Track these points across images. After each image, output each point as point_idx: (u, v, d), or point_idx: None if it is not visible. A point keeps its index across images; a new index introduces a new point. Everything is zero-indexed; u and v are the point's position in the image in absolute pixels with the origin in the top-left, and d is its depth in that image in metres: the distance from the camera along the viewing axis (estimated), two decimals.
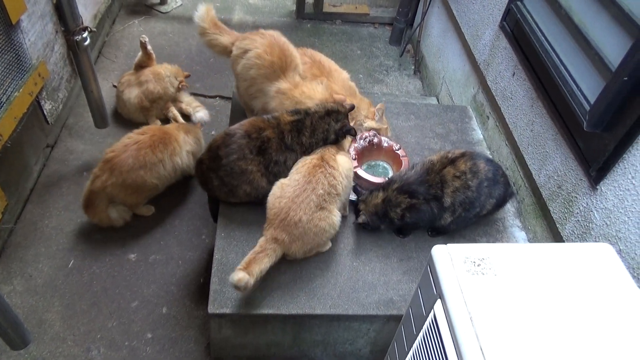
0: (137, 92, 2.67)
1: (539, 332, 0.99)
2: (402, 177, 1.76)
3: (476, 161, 1.74)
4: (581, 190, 1.62)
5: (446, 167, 1.72)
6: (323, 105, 1.81)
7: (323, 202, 1.61)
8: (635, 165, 1.39)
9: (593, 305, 1.05)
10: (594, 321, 1.02)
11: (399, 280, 1.72)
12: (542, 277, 1.09)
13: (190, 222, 2.33)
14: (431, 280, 1.11)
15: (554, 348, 0.97)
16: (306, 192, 1.60)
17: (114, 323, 1.95)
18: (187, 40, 3.45)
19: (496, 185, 1.76)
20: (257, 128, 1.73)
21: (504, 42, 2.18)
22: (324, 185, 1.63)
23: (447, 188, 1.70)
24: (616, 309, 1.05)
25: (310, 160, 1.70)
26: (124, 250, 2.18)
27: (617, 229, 1.45)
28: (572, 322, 1.02)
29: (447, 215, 1.75)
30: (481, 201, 1.74)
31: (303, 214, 1.57)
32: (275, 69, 1.96)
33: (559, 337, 0.99)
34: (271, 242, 1.57)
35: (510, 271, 1.09)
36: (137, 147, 2.09)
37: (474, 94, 2.59)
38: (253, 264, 1.52)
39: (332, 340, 1.79)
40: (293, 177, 1.67)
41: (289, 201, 1.59)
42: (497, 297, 1.04)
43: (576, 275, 1.11)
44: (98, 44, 3.19)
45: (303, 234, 1.59)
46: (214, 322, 1.68)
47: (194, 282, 2.11)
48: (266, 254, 1.55)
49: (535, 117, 1.92)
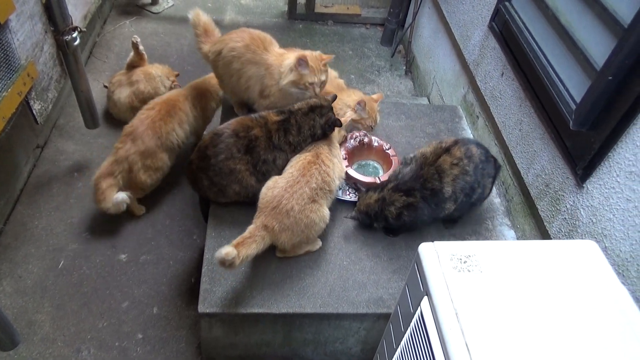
0: (128, 92, 2.66)
1: (524, 327, 1.00)
2: (397, 175, 1.77)
3: (469, 146, 1.75)
4: (568, 189, 1.63)
5: (441, 156, 1.71)
6: (306, 102, 1.81)
7: (315, 196, 1.62)
8: (620, 163, 1.41)
9: (577, 302, 1.07)
10: (577, 317, 1.04)
11: (388, 279, 1.73)
12: (528, 273, 1.10)
13: (182, 223, 2.33)
14: (418, 278, 1.11)
15: (538, 344, 0.98)
16: (300, 184, 1.61)
17: (104, 324, 1.94)
18: (178, 40, 3.45)
19: (488, 164, 1.78)
20: (245, 127, 1.73)
21: (492, 42, 2.20)
22: (317, 181, 1.64)
23: (447, 177, 1.69)
24: (600, 305, 1.07)
25: (305, 157, 1.71)
26: (114, 251, 2.17)
27: (602, 226, 1.47)
28: (556, 318, 1.03)
29: (450, 204, 1.73)
30: (480, 183, 1.75)
31: (295, 204, 1.58)
32: (253, 50, 1.94)
33: (543, 333, 1.00)
34: (261, 229, 1.56)
35: (496, 268, 1.10)
36: (152, 120, 2.21)
37: (464, 94, 2.60)
38: (240, 246, 1.50)
39: (322, 339, 1.79)
40: (288, 171, 1.68)
41: (282, 190, 1.60)
42: (482, 293, 1.05)
43: (561, 271, 1.12)
44: (89, 45, 3.18)
45: (294, 223, 1.58)
46: (204, 322, 1.68)
47: (185, 282, 2.11)
48: (254, 240, 1.54)
49: (523, 117, 1.94)
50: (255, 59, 1.93)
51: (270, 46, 1.97)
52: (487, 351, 0.95)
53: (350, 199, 1.95)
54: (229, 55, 1.97)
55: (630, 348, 1.00)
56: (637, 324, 1.04)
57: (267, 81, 1.93)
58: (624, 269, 1.39)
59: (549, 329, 1.01)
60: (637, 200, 1.34)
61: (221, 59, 2.01)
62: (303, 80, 1.85)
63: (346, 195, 1.97)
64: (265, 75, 1.92)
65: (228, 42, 1.99)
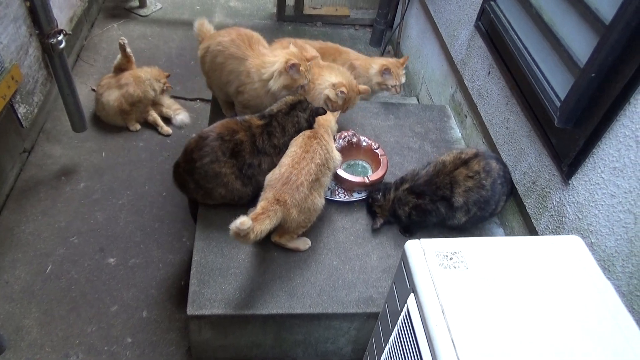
0: (117, 95, 2.65)
1: (509, 323, 1.00)
2: (414, 176, 1.82)
3: (489, 160, 1.78)
4: (554, 186, 1.65)
5: (458, 168, 1.76)
6: (284, 102, 1.83)
7: (319, 172, 1.65)
8: (604, 159, 1.43)
9: (562, 297, 1.07)
10: (563, 312, 1.05)
11: (378, 278, 1.73)
12: (513, 269, 1.11)
13: (171, 225, 2.31)
14: (405, 275, 1.12)
15: (524, 339, 0.98)
16: (305, 160, 1.64)
17: (93, 328, 1.92)
18: (167, 43, 3.43)
19: (506, 182, 1.82)
20: (230, 130, 1.73)
21: (479, 41, 2.21)
22: (320, 156, 1.68)
23: (458, 188, 1.74)
24: (584, 299, 1.08)
25: (304, 133, 1.75)
26: (103, 255, 2.16)
27: (588, 222, 1.48)
28: (541, 313, 1.04)
29: (460, 214, 1.78)
30: (496, 199, 1.79)
31: (304, 180, 1.60)
32: (237, 44, 1.96)
33: (528, 328, 1.00)
34: (273, 204, 1.54)
35: (481, 264, 1.10)
36: None
37: (452, 93, 2.62)
38: (255, 222, 1.46)
39: (313, 339, 1.79)
40: (291, 150, 1.70)
41: (290, 167, 1.62)
42: (469, 289, 1.05)
43: (546, 267, 1.13)
44: (76, 48, 3.16)
45: (303, 199, 1.60)
46: (194, 324, 1.67)
47: (174, 285, 2.10)
48: (267, 215, 1.50)
49: (510, 115, 1.96)
50: (238, 54, 1.96)
51: (255, 44, 1.98)
52: (473, 347, 0.95)
53: (340, 199, 1.96)
54: (216, 49, 2.00)
55: (615, 341, 1.01)
56: (621, 318, 1.05)
57: (243, 78, 1.95)
58: (609, 264, 1.40)
59: (534, 324, 1.01)
60: (621, 196, 1.36)
61: (209, 53, 2.04)
62: (295, 84, 1.89)
63: (335, 196, 1.97)
64: (242, 72, 1.94)
65: (216, 37, 2.03)
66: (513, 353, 0.96)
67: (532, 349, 0.97)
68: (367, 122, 2.38)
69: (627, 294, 1.34)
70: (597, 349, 0.99)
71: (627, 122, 1.34)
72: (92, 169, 2.51)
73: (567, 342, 1.00)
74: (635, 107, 1.31)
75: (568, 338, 1.00)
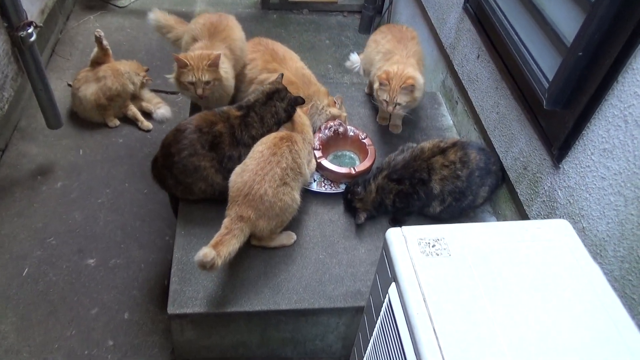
0: (94, 89, 2.64)
1: (494, 311, 1.01)
2: (390, 162, 1.82)
3: (467, 151, 1.79)
4: (545, 170, 1.66)
5: (435, 156, 1.78)
6: (261, 91, 1.83)
7: (286, 177, 1.62)
8: (593, 141, 1.44)
9: (549, 282, 1.08)
10: (550, 298, 1.05)
11: (366, 272, 1.74)
12: (498, 255, 1.12)
13: (153, 223, 2.31)
14: (386, 264, 1.12)
15: (509, 327, 0.99)
16: (270, 164, 1.60)
17: (72, 332, 1.92)
18: (146, 35, 3.42)
19: (488, 174, 1.82)
20: (209, 122, 1.73)
21: (467, 24, 2.22)
22: (287, 160, 1.63)
23: (435, 175, 1.76)
24: (573, 285, 1.09)
25: (276, 134, 1.71)
26: (81, 256, 2.16)
27: (580, 206, 1.50)
28: (527, 300, 1.05)
29: (435, 203, 1.80)
30: (473, 190, 1.79)
31: (268, 187, 1.57)
32: (200, 32, 2.07)
33: (514, 316, 1.01)
34: (237, 221, 1.54)
35: (465, 251, 1.11)
36: None
37: (442, 79, 2.62)
38: (220, 245, 1.47)
39: (301, 337, 1.80)
40: (256, 149, 1.67)
41: (253, 174, 1.58)
42: (451, 277, 1.06)
43: (532, 252, 1.14)
44: (51, 42, 3.14)
45: (269, 208, 1.58)
46: (175, 324, 1.67)
47: (157, 286, 2.10)
48: (233, 235, 1.52)
49: (500, 99, 1.96)
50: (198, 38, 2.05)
51: (214, 35, 2.04)
52: (456, 337, 0.96)
53: (326, 191, 1.96)
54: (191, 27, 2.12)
55: (603, 326, 1.02)
56: (610, 303, 1.06)
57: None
58: (601, 249, 1.41)
59: (519, 312, 1.02)
60: (611, 178, 1.37)
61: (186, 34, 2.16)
62: (182, 79, 1.91)
63: (322, 188, 1.97)
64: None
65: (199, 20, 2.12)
66: (497, 342, 0.97)
67: (516, 337, 0.98)
68: (355, 111, 2.38)
69: (619, 279, 1.35)
70: (584, 335, 1.00)
71: (615, 102, 1.35)
72: (70, 167, 2.50)
73: (553, 329, 1.00)
74: (623, 85, 1.32)
75: (555, 325, 1.01)
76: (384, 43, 2.21)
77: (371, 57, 2.26)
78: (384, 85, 1.98)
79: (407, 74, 1.98)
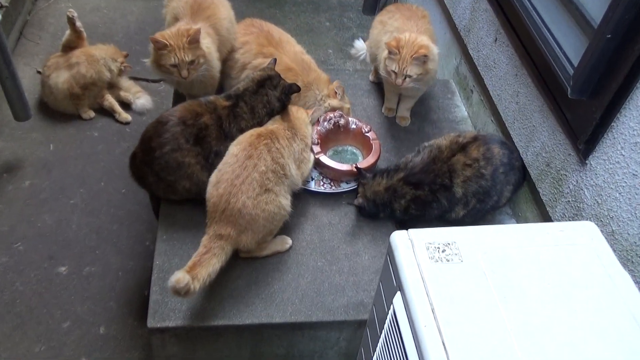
0: (66, 77, 2.65)
1: (508, 322, 1.01)
2: (408, 164, 1.81)
3: (490, 146, 1.78)
4: (570, 167, 1.66)
5: (456, 155, 1.77)
6: (251, 79, 1.83)
7: (267, 182, 1.60)
8: (624, 134, 1.44)
9: (573, 291, 1.08)
10: (573, 309, 1.05)
11: (370, 280, 1.75)
12: (515, 261, 1.12)
13: (132, 227, 2.33)
14: (391, 271, 1.13)
15: (524, 339, 0.99)
16: (247, 170, 1.59)
17: (41, 348, 1.93)
18: (124, 17, 3.43)
19: (512, 170, 1.82)
20: (193, 113, 1.73)
21: (484, 3, 2.22)
22: (267, 162, 1.62)
23: (457, 178, 1.74)
24: (600, 294, 1.09)
25: (252, 132, 1.70)
26: (52, 263, 2.17)
27: (608, 207, 1.50)
28: (547, 311, 1.05)
29: (459, 208, 1.79)
30: (497, 189, 1.79)
31: (246, 198, 1.56)
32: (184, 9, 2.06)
33: (530, 327, 1.01)
34: (216, 240, 1.56)
35: (478, 257, 1.11)
36: None
37: (456, 66, 2.63)
38: (198, 266, 1.49)
39: (297, 353, 1.80)
40: (230, 150, 1.66)
41: (228, 185, 1.57)
42: (463, 286, 1.06)
43: (554, 258, 1.14)
44: (18, 24, 3.15)
45: (251, 221, 1.58)
46: (156, 339, 1.67)
47: (136, 296, 2.11)
48: (213, 254, 1.53)
49: (520, 88, 1.97)
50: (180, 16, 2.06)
51: (197, 13, 2.05)
52: (467, 353, 0.96)
53: (325, 191, 1.96)
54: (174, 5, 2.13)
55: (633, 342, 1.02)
56: None
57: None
58: (632, 255, 1.41)
59: (540, 325, 1.02)
60: None
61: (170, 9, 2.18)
62: (162, 62, 1.90)
63: (320, 187, 1.98)
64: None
65: None
66: (513, 358, 0.97)
67: (535, 352, 0.98)
68: (358, 101, 2.39)
69: None
70: (613, 351, 1.00)
71: None
72: (39, 164, 2.51)
73: (577, 343, 1.00)
74: None
75: (579, 339, 1.01)
76: (391, 22, 2.20)
77: (378, 39, 2.25)
78: (394, 54, 1.94)
79: (419, 42, 1.94)
